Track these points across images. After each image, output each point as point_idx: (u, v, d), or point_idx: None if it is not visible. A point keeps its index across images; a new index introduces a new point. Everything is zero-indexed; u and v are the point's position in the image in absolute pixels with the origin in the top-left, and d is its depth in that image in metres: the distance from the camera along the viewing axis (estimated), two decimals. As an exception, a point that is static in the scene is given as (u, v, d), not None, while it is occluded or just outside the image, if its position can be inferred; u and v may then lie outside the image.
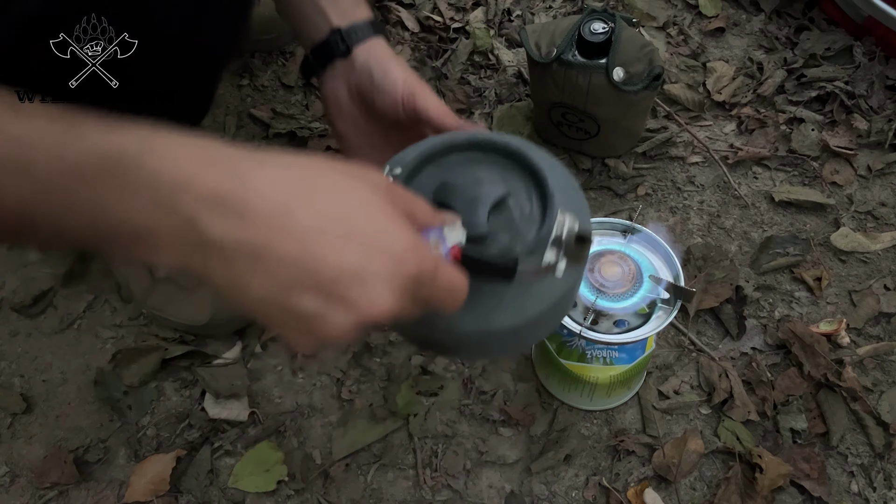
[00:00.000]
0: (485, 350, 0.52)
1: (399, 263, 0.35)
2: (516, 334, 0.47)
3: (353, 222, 0.35)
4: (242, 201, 0.33)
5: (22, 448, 0.77)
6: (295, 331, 0.35)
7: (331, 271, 0.34)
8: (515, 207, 0.46)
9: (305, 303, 0.34)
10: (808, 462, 0.74)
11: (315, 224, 0.34)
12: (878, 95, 1.01)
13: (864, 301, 0.84)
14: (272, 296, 0.34)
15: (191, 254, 0.33)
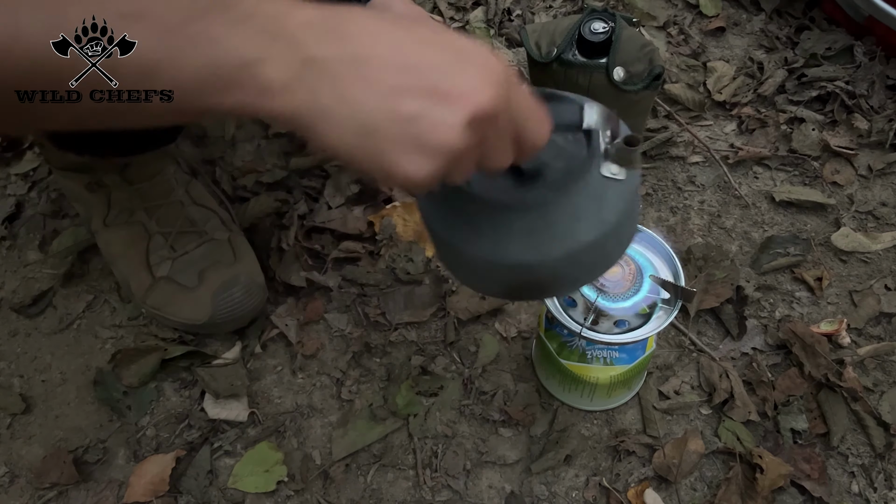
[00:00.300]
0: (578, 273, 0.51)
1: (489, 58, 0.37)
2: (603, 246, 0.48)
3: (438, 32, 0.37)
4: (339, 24, 0.35)
5: (21, 448, 0.77)
6: (403, 146, 0.35)
7: (430, 65, 0.35)
8: (558, 137, 0.48)
9: (411, 104, 0.35)
10: (808, 462, 0.74)
11: (407, 33, 0.36)
12: (878, 95, 1.00)
13: (865, 301, 0.84)
14: (378, 102, 0.34)
15: (298, 81, 0.34)
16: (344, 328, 0.84)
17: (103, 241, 0.83)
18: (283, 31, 0.34)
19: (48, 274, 0.88)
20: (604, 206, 0.47)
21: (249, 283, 0.80)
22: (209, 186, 0.88)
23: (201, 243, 0.81)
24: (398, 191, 0.94)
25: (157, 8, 0.33)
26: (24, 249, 0.91)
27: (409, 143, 0.35)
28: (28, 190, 0.96)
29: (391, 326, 0.84)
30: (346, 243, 0.89)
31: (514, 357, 0.81)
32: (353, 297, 0.86)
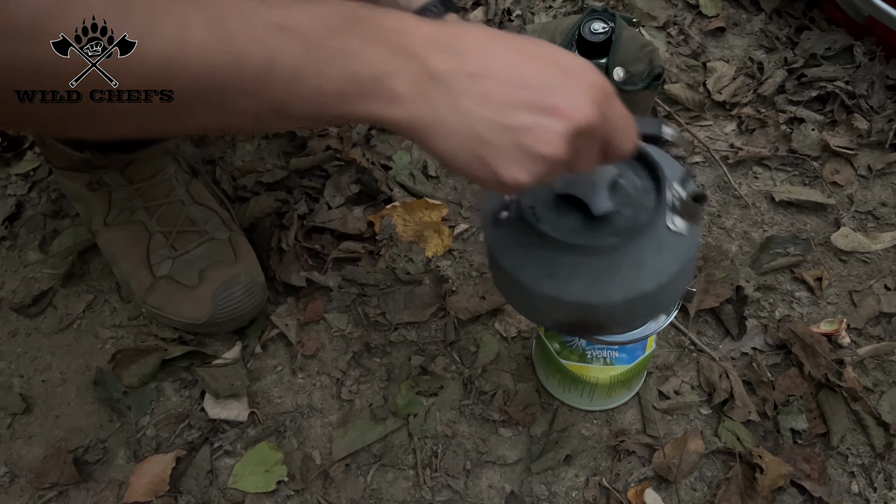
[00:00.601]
0: (633, 317, 0.55)
1: (590, 75, 0.40)
2: (659, 294, 0.51)
3: (544, 50, 0.40)
4: (457, 41, 0.39)
5: (21, 448, 0.77)
6: (511, 154, 0.39)
7: (538, 82, 0.39)
8: (628, 183, 0.52)
9: (520, 117, 0.38)
10: (808, 462, 0.74)
11: (517, 51, 0.40)
12: (878, 95, 1.00)
13: (865, 301, 0.84)
14: (490, 114, 0.38)
15: (422, 95, 0.38)
16: (344, 328, 0.84)
17: (104, 241, 0.83)
18: (409, 46, 0.38)
19: (48, 274, 0.88)
20: (666, 258, 0.49)
21: (250, 282, 0.80)
22: (209, 186, 0.88)
23: (202, 243, 0.81)
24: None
25: (306, 22, 0.37)
26: (24, 249, 0.91)
27: (516, 152, 0.39)
28: (28, 190, 0.96)
29: (391, 326, 0.84)
30: (346, 243, 0.89)
31: (514, 357, 0.82)
32: (353, 297, 0.86)
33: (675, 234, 0.50)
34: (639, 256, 0.49)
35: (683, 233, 0.50)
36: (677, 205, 0.50)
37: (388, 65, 0.38)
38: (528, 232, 0.50)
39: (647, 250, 0.49)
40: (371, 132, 1.00)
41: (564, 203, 0.51)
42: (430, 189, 0.95)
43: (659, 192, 0.50)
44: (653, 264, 0.49)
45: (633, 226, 0.49)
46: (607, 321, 0.54)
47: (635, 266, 0.49)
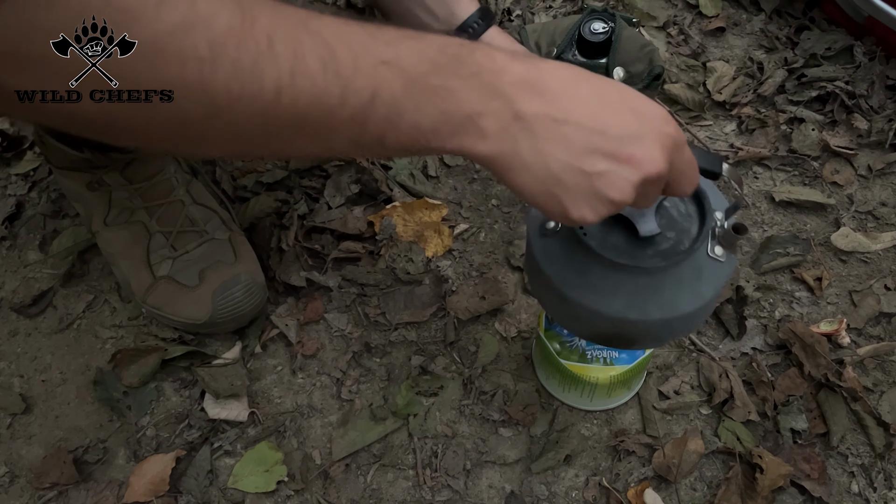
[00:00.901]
0: (667, 335, 0.58)
1: (665, 124, 0.43)
2: (694, 316, 0.54)
3: (624, 96, 0.43)
4: (544, 83, 0.41)
5: (21, 448, 0.77)
6: (583, 195, 0.42)
7: (617, 132, 0.41)
8: (672, 208, 0.55)
9: (597, 164, 0.41)
10: (808, 462, 0.74)
11: (599, 98, 0.42)
12: (878, 95, 1.00)
13: (865, 301, 0.84)
14: (569, 159, 0.41)
15: (507, 134, 0.41)
16: (344, 328, 0.84)
17: (104, 241, 0.83)
18: (501, 87, 0.40)
19: (48, 274, 0.88)
20: (704, 283, 0.52)
21: (250, 282, 0.80)
22: (209, 186, 0.88)
23: (202, 243, 0.81)
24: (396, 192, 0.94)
25: (409, 58, 0.39)
26: (24, 249, 0.91)
27: (588, 195, 0.42)
28: (28, 190, 0.96)
29: (391, 326, 0.84)
30: (346, 243, 0.89)
31: (514, 357, 0.82)
32: (353, 297, 0.86)
33: (714, 261, 0.53)
34: (679, 279, 0.52)
35: (721, 260, 0.53)
36: (718, 233, 0.53)
37: (480, 104, 0.40)
38: (574, 245, 0.53)
39: (687, 274, 0.52)
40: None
41: (612, 220, 0.53)
42: (430, 189, 0.95)
43: (702, 219, 0.53)
44: (691, 288, 0.52)
45: (676, 250, 0.52)
46: (641, 337, 0.56)
47: (675, 288, 0.52)
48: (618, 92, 0.43)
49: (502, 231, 0.91)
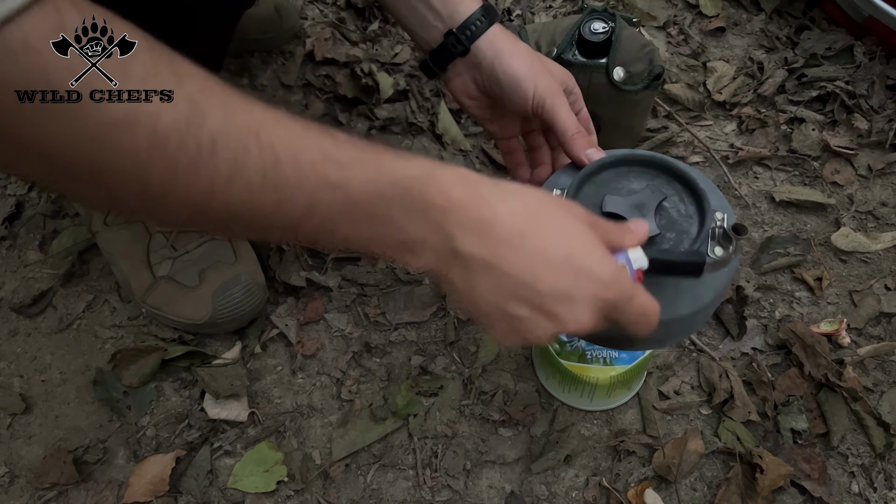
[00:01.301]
0: (667, 336, 0.57)
1: (603, 290, 0.43)
2: (693, 319, 0.54)
3: (569, 252, 0.43)
4: (492, 227, 0.42)
5: (21, 448, 0.77)
6: (504, 330, 0.44)
7: (546, 290, 0.42)
8: (672, 208, 0.54)
9: (519, 310, 0.42)
10: (808, 462, 0.74)
11: (542, 253, 0.42)
12: (878, 95, 1.00)
13: (865, 301, 0.84)
14: (494, 300, 0.42)
15: (442, 261, 0.43)
16: (344, 328, 0.84)
17: (104, 241, 0.83)
18: (445, 224, 0.42)
19: (48, 274, 0.88)
20: (703, 285, 0.52)
21: (250, 282, 0.80)
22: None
23: (202, 243, 0.81)
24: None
25: (356, 185, 0.40)
26: (24, 249, 0.91)
27: (512, 333, 0.44)
28: (28, 190, 0.96)
29: (391, 326, 0.84)
30: (346, 243, 0.89)
31: (514, 357, 0.81)
32: (353, 297, 0.86)
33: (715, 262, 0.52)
34: (679, 281, 0.51)
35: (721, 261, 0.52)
36: (718, 234, 0.52)
37: (418, 236, 0.42)
38: None
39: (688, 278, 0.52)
40: (370, 132, 1.00)
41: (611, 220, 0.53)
42: (430, 189, 0.95)
43: (702, 220, 0.53)
44: (691, 290, 0.52)
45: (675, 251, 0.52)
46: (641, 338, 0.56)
47: (675, 291, 0.52)
48: (568, 248, 0.43)
49: (502, 231, 0.91)
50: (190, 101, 0.36)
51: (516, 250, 0.42)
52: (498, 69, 0.61)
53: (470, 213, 0.42)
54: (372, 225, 0.41)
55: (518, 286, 0.42)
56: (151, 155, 0.36)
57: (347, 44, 1.09)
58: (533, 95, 0.60)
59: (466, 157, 0.98)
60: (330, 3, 1.15)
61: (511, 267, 0.42)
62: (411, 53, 1.07)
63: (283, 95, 1.03)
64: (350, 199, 0.40)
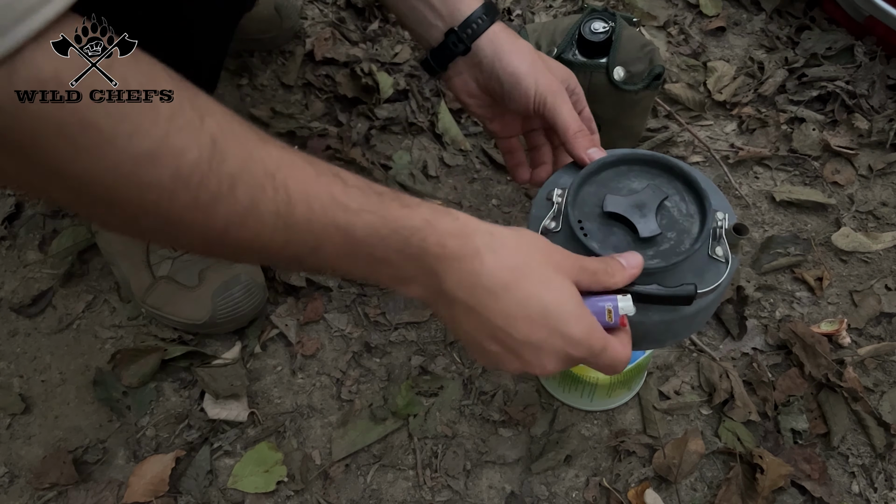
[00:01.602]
0: (667, 336, 0.57)
1: (571, 348, 0.47)
2: (694, 317, 0.54)
3: (546, 309, 0.46)
4: (479, 280, 0.45)
5: (21, 448, 0.77)
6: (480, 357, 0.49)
7: (519, 339, 0.46)
8: (674, 208, 0.54)
9: (493, 348, 0.47)
10: (809, 462, 0.74)
11: (522, 309, 0.45)
12: (879, 95, 1.00)
13: (866, 301, 0.84)
14: (474, 336, 0.47)
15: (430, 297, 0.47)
16: (344, 328, 0.84)
17: (104, 240, 0.83)
18: (438, 270, 0.45)
19: (48, 274, 0.88)
20: (703, 285, 0.51)
21: (250, 282, 0.80)
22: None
23: (202, 243, 0.81)
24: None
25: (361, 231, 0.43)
26: (24, 249, 0.91)
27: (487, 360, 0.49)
28: (28, 190, 0.96)
29: (391, 326, 0.83)
30: (345, 243, 0.89)
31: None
32: (353, 296, 0.86)
33: (715, 262, 0.52)
34: (680, 281, 0.51)
35: (722, 261, 0.52)
36: (719, 233, 0.53)
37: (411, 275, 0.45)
38: (574, 245, 0.52)
39: (687, 276, 0.52)
40: (371, 132, 1.00)
41: (612, 221, 0.54)
42: (430, 189, 0.95)
43: (703, 220, 0.53)
44: None
45: (676, 251, 0.52)
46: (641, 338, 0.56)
47: None
48: (546, 305, 0.46)
49: (502, 231, 0.91)
50: (212, 140, 0.38)
51: (498, 300, 0.45)
52: (498, 67, 0.61)
53: (462, 264, 0.45)
54: (370, 263, 0.45)
55: (495, 329, 0.46)
56: (175, 190, 0.37)
57: (347, 44, 1.09)
58: (534, 94, 0.60)
59: (466, 157, 0.98)
60: (330, 3, 1.15)
61: (491, 314, 0.46)
62: (411, 53, 1.07)
63: (283, 95, 1.03)
64: (353, 241, 0.43)
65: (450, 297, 0.46)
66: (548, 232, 0.55)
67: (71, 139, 0.35)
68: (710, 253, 0.53)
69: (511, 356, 0.47)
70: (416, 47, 1.08)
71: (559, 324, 0.46)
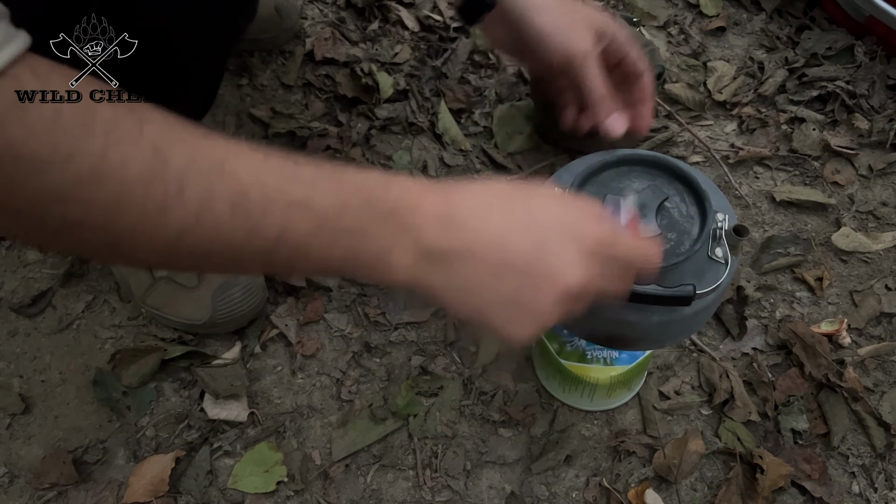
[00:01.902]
0: (667, 336, 0.57)
1: (576, 229, 0.42)
2: (693, 319, 0.54)
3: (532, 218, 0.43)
4: (451, 217, 0.42)
5: (21, 448, 0.77)
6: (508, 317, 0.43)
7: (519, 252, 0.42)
8: (674, 209, 0.54)
9: (508, 284, 0.42)
10: (809, 463, 0.74)
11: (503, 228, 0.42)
12: (879, 95, 1.00)
13: (866, 301, 0.84)
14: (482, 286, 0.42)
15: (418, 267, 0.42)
16: (344, 328, 0.84)
17: (103, 241, 0.83)
18: (413, 224, 0.42)
19: (48, 274, 0.88)
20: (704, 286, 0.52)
21: (249, 283, 0.80)
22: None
23: (202, 243, 0.81)
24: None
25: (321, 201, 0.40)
26: (24, 249, 0.91)
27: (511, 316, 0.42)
28: (28, 190, 0.96)
29: (391, 326, 0.83)
30: (345, 243, 0.89)
31: (514, 357, 0.81)
32: (353, 296, 0.86)
33: (715, 263, 0.52)
34: (679, 281, 0.51)
35: (722, 262, 0.52)
36: (719, 235, 0.53)
37: (388, 241, 0.42)
38: None
39: (686, 276, 0.52)
40: (371, 132, 1.00)
41: None
42: (430, 189, 0.95)
43: (703, 221, 0.53)
44: None
45: (676, 251, 0.52)
46: (640, 338, 0.56)
47: None
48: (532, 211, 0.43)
49: (502, 231, 0.91)
50: (153, 147, 0.37)
51: (488, 225, 0.42)
52: (525, 23, 0.60)
53: (434, 208, 0.42)
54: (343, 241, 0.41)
55: (495, 265, 0.42)
56: (121, 206, 0.36)
57: (347, 43, 1.09)
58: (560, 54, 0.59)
59: (466, 157, 0.98)
60: (330, 3, 1.15)
61: (486, 247, 0.42)
62: (411, 53, 1.07)
63: (283, 95, 1.03)
64: (317, 217, 0.40)
65: (437, 251, 0.42)
66: None
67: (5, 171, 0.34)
68: (710, 254, 0.53)
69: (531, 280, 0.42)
70: (415, 47, 1.08)
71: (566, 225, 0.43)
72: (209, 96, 0.74)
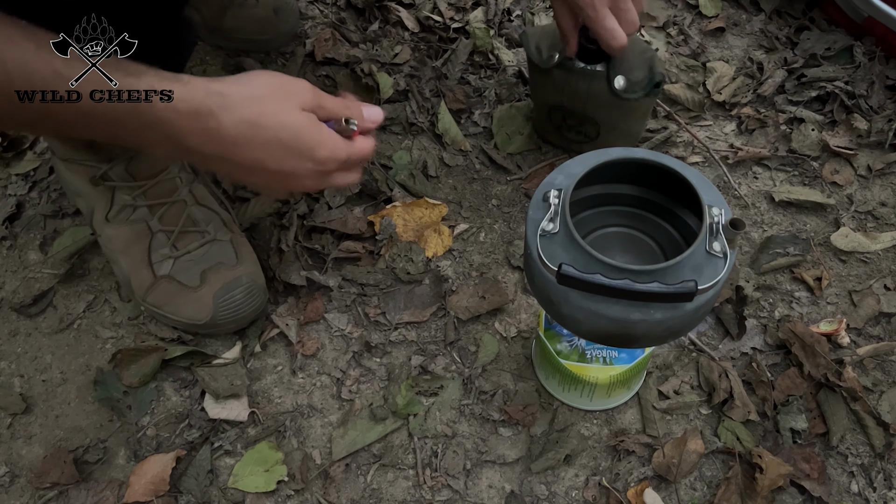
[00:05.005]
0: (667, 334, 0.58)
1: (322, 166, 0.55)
2: (694, 315, 0.55)
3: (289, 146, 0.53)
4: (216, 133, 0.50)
5: (21, 448, 0.77)
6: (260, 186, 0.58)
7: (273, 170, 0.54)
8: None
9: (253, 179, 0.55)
10: (808, 462, 0.74)
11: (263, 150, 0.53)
12: (878, 95, 1.01)
13: (865, 301, 0.84)
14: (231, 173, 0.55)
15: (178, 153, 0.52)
16: (344, 328, 0.84)
17: (105, 238, 0.83)
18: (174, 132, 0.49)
19: (48, 274, 0.88)
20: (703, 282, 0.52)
21: (251, 285, 0.80)
22: (209, 187, 0.88)
23: (203, 243, 0.81)
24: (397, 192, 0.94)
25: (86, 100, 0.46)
26: (25, 249, 0.91)
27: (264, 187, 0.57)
28: (28, 190, 0.96)
29: (391, 326, 0.84)
30: (346, 243, 0.89)
31: (514, 357, 0.82)
32: (353, 296, 0.86)
33: (713, 258, 0.53)
34: (679, 278, 0.52)
35: (720, 256, 0.53)
36: (716, 229, 0.53)
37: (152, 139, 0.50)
38: (575, 248, 0.53)
39: (686, 273, 0.52)
40: (371, 132, 1.00)
41: None
42: (430, 189, 0.95)
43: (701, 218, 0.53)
44: None
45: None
46: (642, 336, 0.57)
47: None
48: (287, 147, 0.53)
49: (502, 231, 0.92)
50: None
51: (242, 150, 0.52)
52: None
53: (198, 124, 0.50)
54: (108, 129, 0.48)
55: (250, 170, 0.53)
56: None
57: (347, 44, 1.09)
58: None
59: (466, 157, 0.98)
60: (330, 4, 1.15)
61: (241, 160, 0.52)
62: (411, 54, 1.07)
63: (284, 96, 1.03)
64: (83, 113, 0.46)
65: (197, 151, 0.51)
66: (546, 234, 0.55)
67: None
68: (708, 249, 0.53)
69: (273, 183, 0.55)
70: (415, 47, 1.08)
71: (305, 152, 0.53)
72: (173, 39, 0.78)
